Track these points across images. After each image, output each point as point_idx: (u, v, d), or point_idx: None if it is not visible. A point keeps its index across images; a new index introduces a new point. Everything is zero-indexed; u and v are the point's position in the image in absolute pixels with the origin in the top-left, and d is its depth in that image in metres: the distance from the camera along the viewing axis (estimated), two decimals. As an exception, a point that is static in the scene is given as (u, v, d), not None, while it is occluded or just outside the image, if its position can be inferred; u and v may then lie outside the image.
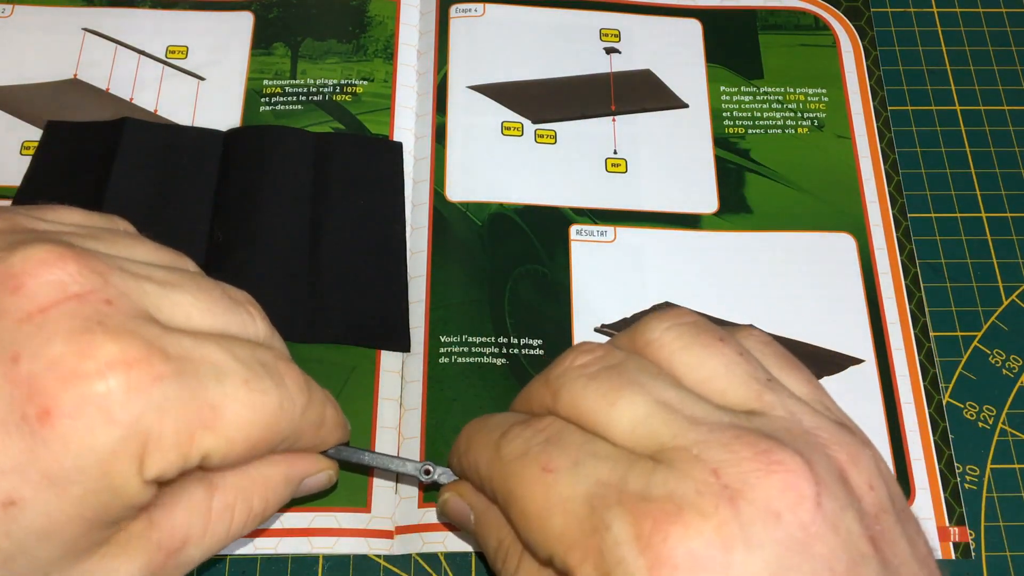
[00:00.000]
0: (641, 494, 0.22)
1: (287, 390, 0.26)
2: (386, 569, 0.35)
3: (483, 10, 0.46)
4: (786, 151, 0.44)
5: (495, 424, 0.27)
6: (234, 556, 0.35)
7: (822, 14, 0.48)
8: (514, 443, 0.25)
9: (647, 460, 0.23)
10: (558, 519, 0.23)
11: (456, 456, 0.30)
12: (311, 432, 0.28)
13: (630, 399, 0.24)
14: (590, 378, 0.25)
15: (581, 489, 0.23)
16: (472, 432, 0.29)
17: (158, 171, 0.40)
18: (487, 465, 0.26)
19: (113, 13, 0.46)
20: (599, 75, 0.45)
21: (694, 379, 0.25)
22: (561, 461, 0.24)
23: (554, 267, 0.40)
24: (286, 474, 0.29)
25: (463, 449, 0.29)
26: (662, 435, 0.23)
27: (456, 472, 0.31)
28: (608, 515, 0.22)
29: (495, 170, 0.42)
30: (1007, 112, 0.46)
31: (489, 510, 0.28)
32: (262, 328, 0.28)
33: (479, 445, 0.27)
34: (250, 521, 0.28)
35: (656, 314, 0.27)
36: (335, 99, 0.44)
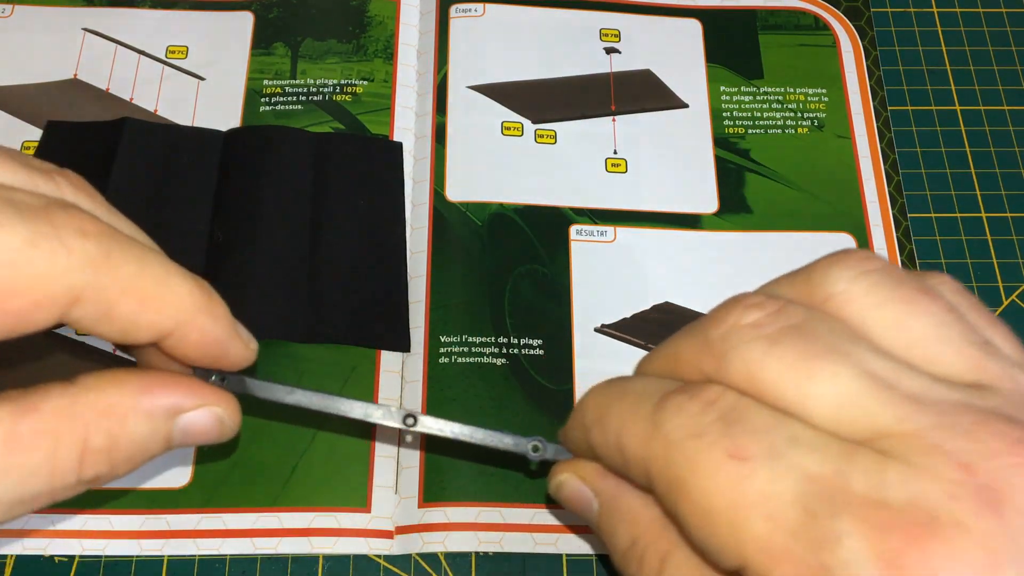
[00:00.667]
0: (875, 499, 0.18)
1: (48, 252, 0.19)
2: (386, 569, 0.35)
3: (483, 10, 0.46)
4: (786, 151, 0.44)
5: (641, 392, 0.22)
6: (234, 556, 0.35)
7: (822, 14, 0.48)
8: (679, 418, 0.21)
9: (868, 451, 0.19)
10: (758, 522, 0.18)
11: (578, 429, 0.25)
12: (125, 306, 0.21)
13: (832, 370, 0.19)
14: (770, 341, 0.20)
15: (787, 485, 0.18)
16: (606, 400, 0.23)
17: (158, 171, 0.40)
18: (640, 443, 0.21)
19: (113, 13, 0.46)
20: (599, 75, 0.45)
21: (895, 344, 0.20)
22: (754, 447, 0.19)
23: (554, 267, 0.40)
24: (141, 403, 0.22)
25: (592, 420, 0.24)
26: (881, 418, 0.19)
27: (574, 449, 0.26)
28: (836, 525, 0.18)
29: (495, 170, 0.42)
30: (1007, 112, 0.46)
31: (622, 498, 0.24)
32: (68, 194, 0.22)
33: (623, 417, 0.22)
34: (90, 460, 0.21)
35: (833, 259, 0.22)
36: (335, 99, 0.44)
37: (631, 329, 0.39)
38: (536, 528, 0.35)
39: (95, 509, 0.35)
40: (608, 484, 0.25)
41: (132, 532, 0.35)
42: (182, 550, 0.34)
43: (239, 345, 0.24)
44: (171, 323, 0.22)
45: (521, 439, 0.27)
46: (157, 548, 0.34)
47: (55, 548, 0.34)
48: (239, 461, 0.36)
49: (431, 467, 0.36)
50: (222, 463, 0.36)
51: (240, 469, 0.36)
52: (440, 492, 0.36)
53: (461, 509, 0.35)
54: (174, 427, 0.22)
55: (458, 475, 0.36)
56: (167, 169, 0.40)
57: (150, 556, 0.34)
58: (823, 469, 0.18)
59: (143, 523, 0.35)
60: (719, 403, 0.20)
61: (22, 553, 0.34)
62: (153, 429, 0.22)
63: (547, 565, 0.35)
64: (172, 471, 0.36)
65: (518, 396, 0.38)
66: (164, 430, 0.22)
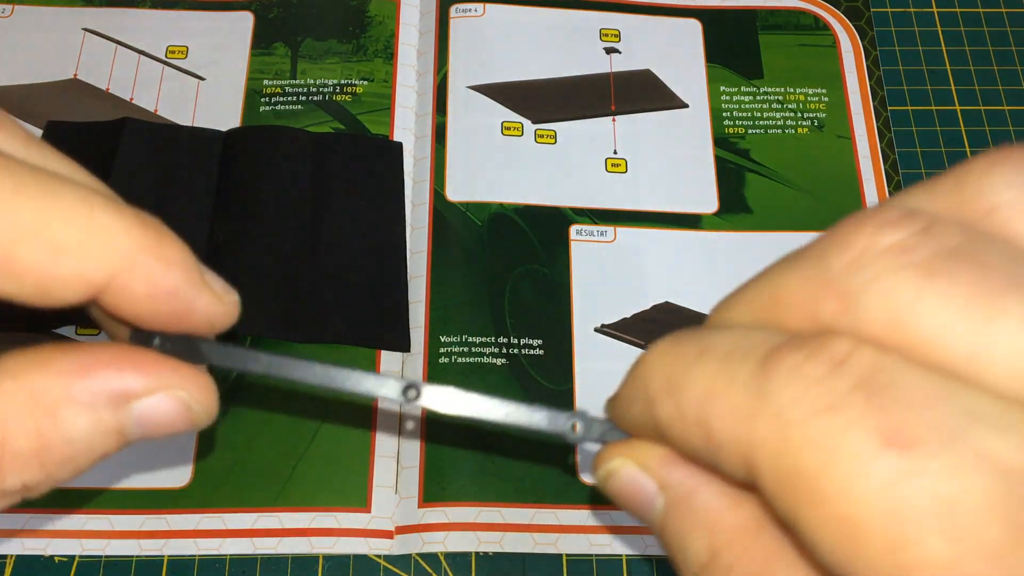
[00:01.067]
0: None
1: None
2: (386, 569, 0.35)
3: (483, 10, 0.46)
4: (786, 151, 0.44)
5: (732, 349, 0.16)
6: (234, 556, 0.35)
7: (822, 14, 0.48)
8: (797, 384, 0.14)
9: None
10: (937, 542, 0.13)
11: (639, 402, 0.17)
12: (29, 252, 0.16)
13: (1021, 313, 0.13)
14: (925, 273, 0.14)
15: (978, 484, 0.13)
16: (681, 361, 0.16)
17: (158, 171, 0.40)
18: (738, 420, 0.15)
19: (113, 13, 0.46)
20: (599, 75, 0.45)
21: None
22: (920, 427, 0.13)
23: (554, 267, 0.40)
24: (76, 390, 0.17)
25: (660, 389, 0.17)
26: None
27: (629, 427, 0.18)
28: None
29: (495, 170, 0.42)
30: (1007, 112, 0.46)
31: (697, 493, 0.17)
32: None
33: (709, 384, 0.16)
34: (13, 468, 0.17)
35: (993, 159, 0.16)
36: (335, 99, 0.44)
37: (631, 329, 0.39)
38: (536, 528, 0.35)
39: (95, 509, 0.35)
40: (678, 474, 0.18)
41: (132, 532, 0.35)
42: (182, 550, 0.34)
43: (208, 298, 0.18)
44: (101, 272, 0.17)
45: (557, 414, 0.20)
46: (157, 548, 0.34)
47: (55, 548, 0.34)
48: (239, 461, 0.36)
49: (431, 467, 0.36)
50: (222, 463, 0.36)
51: (240, 469, 0.36)
52: (440, 492, 0.36)
53: (461, 509, 0.35)
54: (128, 417, 0.18)
55: (458, 475, 0.36)
56: (167, 169, 0.40)
57: (150, 556, 0.34)
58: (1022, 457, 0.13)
59: (143, 523, 0.35)
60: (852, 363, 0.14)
61: (22, 553, 0.34)
62: (96, 422, 0.17)
63: (547, 565, 0.35)
64: (172, 471, 0.36)
65: (518, 396, 0.38)
66: (112, 423, 0.17)
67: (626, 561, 0.35)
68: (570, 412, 0.20)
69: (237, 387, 0.37)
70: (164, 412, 0.18)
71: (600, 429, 0.20)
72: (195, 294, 0.18)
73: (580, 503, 0.36)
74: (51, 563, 0.34)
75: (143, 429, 0.18)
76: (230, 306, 0.19)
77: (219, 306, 0.19)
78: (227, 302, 0.19)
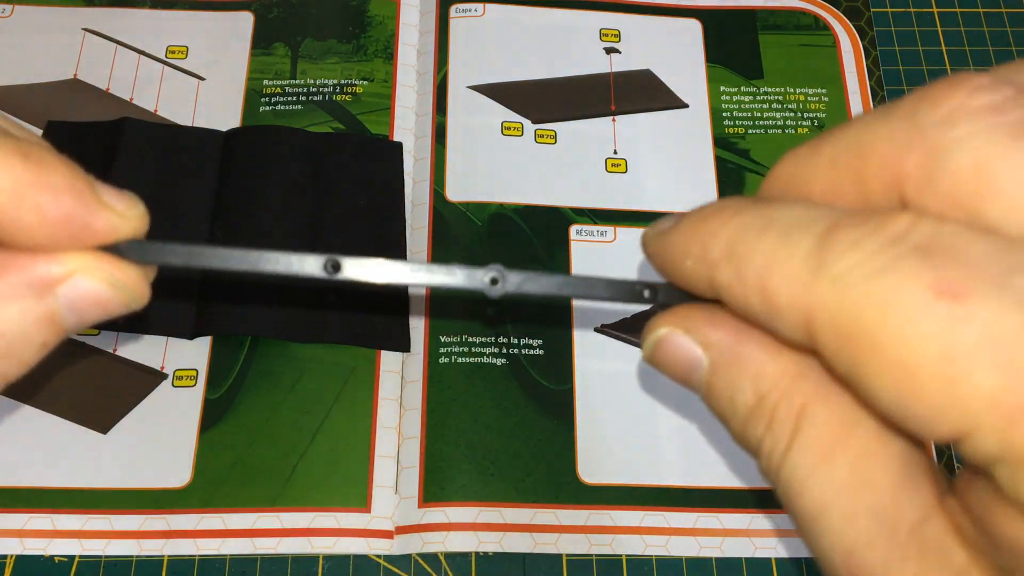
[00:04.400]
0: None
1: None
2: (386, 569, 0.35)
3: (483, 10, 0.46)
4: (786, 151, 0.44)
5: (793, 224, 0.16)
6: (234, 556, 0.35)
7: (822, 14, 0.48)
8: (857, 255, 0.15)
9: None
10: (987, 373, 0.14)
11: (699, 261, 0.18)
12: None
13: None
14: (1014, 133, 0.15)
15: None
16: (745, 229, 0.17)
17: (158, 171, 0.40)
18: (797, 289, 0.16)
19: (113, 13, 0.46)
20: (599, 75, 0.45)
21: None
22: (971, 279, 0.14)
23: (554, 267, 0.40)
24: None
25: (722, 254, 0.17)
26: None
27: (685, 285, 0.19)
28: None
29: (495, 170, 0.42)
30: (1007, 112, 0.46)
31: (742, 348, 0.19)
32: None
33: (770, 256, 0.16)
34: None
35: None
36: (335, 99, 0.44)
37: (631, 329, 0.39)
38: (536, 528, 0.35)
39: (95, 509, 0.35)
40: (722, 334, 0.19)
41: (132, 532, 0.35)
42: (182, 550, 0.34)
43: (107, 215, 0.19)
44: None
45: (475, 270, 0.21)
46: (157, 548, 0.34)
47: (55, 548, 0.34)
48: (239, 461, 0.36)
49: (431, 467, 0.36)
50: (222, 463, 0.36)
51: (240, 469, 0.36)
52: (440, 492, 0.36)
53: (461, 509, 0.35)
54: (55, 303, 0.19)
55: (458, 475, 0.36)
56: (167, 169, 0.40)
57: (150, 556, 0.34)
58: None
59: (143, 523, 0.35)
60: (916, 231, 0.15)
61: (22, 553, 0.34)
62: (24, 312, 0.18)
63: (547, 565, 0.35)
64: (172, 471, 0.36)
65: (518, 396, 0.38)
66: (41, 310, 0.18)
67: (626, 561, 0.35)
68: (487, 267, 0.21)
69: (238, 386, 0.37)
70: (89, 291, 0.19)
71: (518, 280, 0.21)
72: (91, 215, 0.18)
73: (580, 503, 0.36)
74: (51, 563, 0.34)
75: (75, 312, 0.19)
76: (134, 219, 0.19)
77: (118, 220, 0.19)
78: (130, 216, 0.19)
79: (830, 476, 0.17)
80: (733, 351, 0.19)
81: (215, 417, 0.37)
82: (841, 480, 0.17)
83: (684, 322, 0.19)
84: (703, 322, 0.19)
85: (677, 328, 0.20)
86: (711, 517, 0.36)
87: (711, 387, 0.19)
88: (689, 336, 0.19)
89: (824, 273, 0.15)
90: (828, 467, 0.17)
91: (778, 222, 0.17)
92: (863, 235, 0.15)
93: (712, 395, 0.20)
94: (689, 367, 0.20)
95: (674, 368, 0.20)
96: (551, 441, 0.37)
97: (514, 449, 0.37)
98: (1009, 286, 0.14)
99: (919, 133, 0.16)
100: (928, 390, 0.14)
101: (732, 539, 0.36)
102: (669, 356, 0.20)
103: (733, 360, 0.19)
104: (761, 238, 0.17)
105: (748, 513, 0.36)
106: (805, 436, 0.17)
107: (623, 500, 0.36)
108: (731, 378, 0.19)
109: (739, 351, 0.19)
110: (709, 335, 0.19)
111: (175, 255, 0.20)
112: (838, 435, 0.17)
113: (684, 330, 0.19)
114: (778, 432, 0.18)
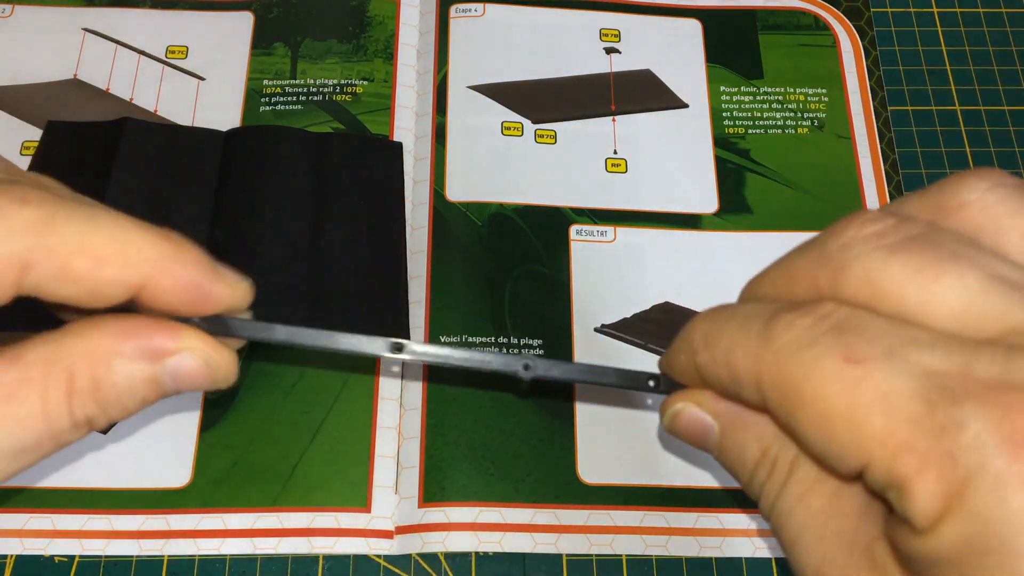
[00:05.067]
0: (1001, 383, 0.18)
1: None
2: (386, 569, 0.35)
3: (483, 10, 0.46)
4: (786, 151, 0.44)
5: (751, 313, 0.22)
6: (234, 556, 0.35)
7: (822, 14, 0.48)
8: (791, 332, 0.20)
9: (994, 345, 0.18)
10: (877, 420, 0.18)
11: (685, 352, 0.24)
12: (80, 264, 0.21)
13: (957, 273, 0.19)
14: (891, 250, 0.20)
15: (905, 382, 0.18)
16: (715, 323, 0.23)
17: (158, 171, 0.40)
18: (751, 358, 0.21)
19: (113, 13, 0.46)
20: (599, 75, 0.45)
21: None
22: (869, 350, 0.19)
23: (554, 267, 0.40)
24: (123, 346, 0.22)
25: (700, 343, 0.23)
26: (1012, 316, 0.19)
27: (680, 377, 0.25)
28: (960, 412, 0.17)
29: (495, 170, 0.42)
30: (1007, 112, 0.46)
31: (741, 419, 0.24)
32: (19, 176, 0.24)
33: (732, 336, 0.22)
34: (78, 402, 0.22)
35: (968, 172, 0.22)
36: (335, 99, 0.44)
37: (631, 329, 0.39)
38: (536, 528, 0.35)
39: (95, 509, 0.35)
40: (728, 407, 0.24)
41: (132, 532, 0.35)
42: (182, 550, 0.34)
43: (222, 287, 0.24)
44: (136, 276, 0.22)
45: (511, 358, 0.26)
46: (157, 548, 0.34)
47: (55, 548, 0.34)
48: (239, 461, 0.36)
49: (431, 467, 0.36)
50: (222, 463, 0.36)
51: (240, 469, 0.36)
52: (440, 492, 0.36)
53: (461, 509, 0.35)
54: (162, 371, 0.23)
55: (458, 475, 0.36)
56: (168, 169, 0.40)
57: (150, 556, 0.34)
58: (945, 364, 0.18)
59: (143, 523, 0.35)
60: (834, 316, 0.20)
61: (22, 553, 0.34)
62: (137, 371, 0.22)
63: (547, 565, 0.35)
64: (172, 471, 0.36)
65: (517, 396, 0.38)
66: (150, 373, 0.23)
67: (626, 561, 0.35)
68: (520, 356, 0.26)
69: (237, 386, 0.37)
70: (189, 367, 0.23)
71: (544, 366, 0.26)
72: (210, 285, 0.23)
73: (580, 503, 0.36)
74: (51, 563, 0.34)
75: (175, 381, 0.23)
76: (242, 291, 0.24)
77: (232, 291, 0.24)
78: (239, 288, 0.24)
79: (809, 505, 0.22)
80: (739, 417, 0.24)
81: (215, 417, 0.37)
82: (817, 508, 0.22)
83: (696, 397, 0.25)
84: (710, 397, 0.24)
85: (690, 403, 0.25)
86: (711, 517, 0.36)
87: (723, 447, 0.25)
88: (701, 408, 0.25)
89: (769, 346, 0.21)
90: (809, 498, 0.22)
91: (740, 314, 0.22)
92: (796, 317, 0.21)
93: (724, 453, 0.25)
94: (703, 433, 0.25)
95: (691, 434, 0.25)
96: (551, 441, 0.37)
97: (514, 449, 0.37)
98: (900, 354, 0.19)
99: (825, 258, 0.21)
100: (838, 434, 0.19)
101: (732, 539, 0.36)
102: (685, 425, 0.25)
103: (739, 424, 0.24)
104: (726, 327, 0.22)
105: (748, 513, 0.36)
106: (795, 477, 0.23)
107: (623, 500, 0.36)
108: (738, 438, 0.24)
109: (743, 417, 0.24)
110: (716, 406, 0.24)
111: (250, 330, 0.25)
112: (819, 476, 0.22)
113: (696, 404, 0.25)
114: (776, 477, 0.23)
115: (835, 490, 0.22)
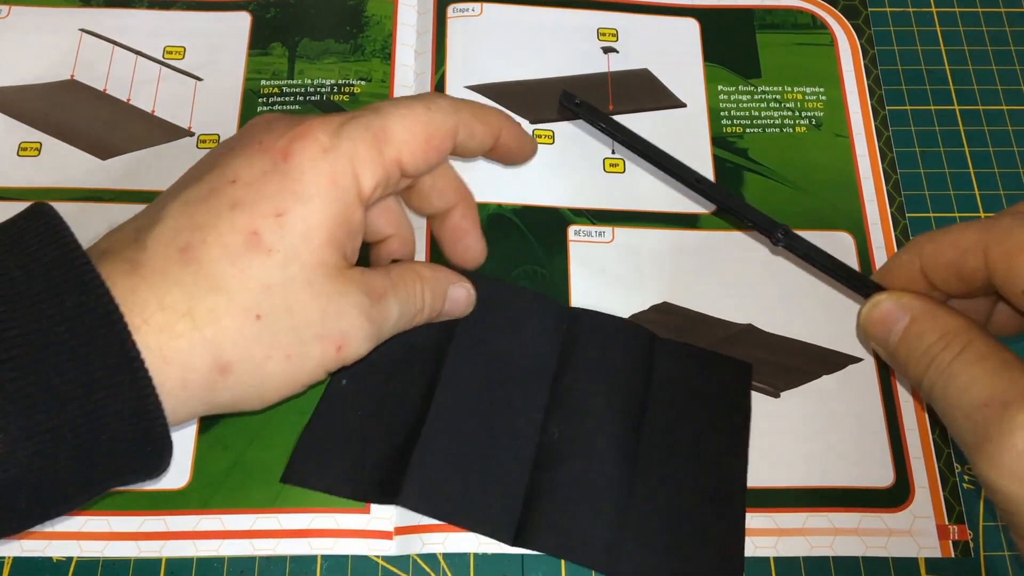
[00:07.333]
0: None
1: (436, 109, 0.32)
2: (385, 570, 0.35)
3: (480, 10, 0.46)
4: (784, 150, 0.44)
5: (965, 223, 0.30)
6: (233, 557, 0.35)
7: (820, 13, 0.48)
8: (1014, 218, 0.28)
9: None
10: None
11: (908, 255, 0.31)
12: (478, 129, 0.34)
13: None
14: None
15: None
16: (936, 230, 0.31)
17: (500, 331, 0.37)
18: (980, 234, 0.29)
19: (110, 14, 0.46)
20: (597, 75, 0.45)
21: None
22: None
23: (552, 267, 0.40)
24: (436, 277, 0.34)
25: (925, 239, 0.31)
26: None
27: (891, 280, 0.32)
28: None
29: (494, 170, 0.42)
30: (1006, 112, 0.46)
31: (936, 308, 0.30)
32: None
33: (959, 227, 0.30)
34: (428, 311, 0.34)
35: None
36: (332, 99, 0.44)
37: (630, 329, 0.39)
38: (535, 528, 0.35)
39: (94, 510, 0.35)
40: (920, 302, 0.30)
41: (130, 533, 0.35)
42: (180, 551, 0.34)
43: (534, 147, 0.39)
44: (499, 129, 0.35)
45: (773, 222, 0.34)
46: (155, 549, 0.34)
47: (53, 549, 0.34)
48: (238, 462, 0.36)
49: (430, 468, 0.36)
50: (221, 464, 0.36)
51: (239, 470, 0.36)
52: (439, 493, 0.36)
53: (460, 510, 0.35)
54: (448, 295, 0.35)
55: (457, 476, 0.36)
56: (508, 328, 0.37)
57: (148, 557, 0.34)
58: None
59: (141, 524, 0.35)
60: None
61: (21, 554, 0.34)
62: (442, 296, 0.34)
63: (546, 565, 0.35)
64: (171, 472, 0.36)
65: (517, 396, 0.38)
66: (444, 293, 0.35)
67: (625, 561, 0.35)
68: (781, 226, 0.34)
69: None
70: (460, 296, 0.35)
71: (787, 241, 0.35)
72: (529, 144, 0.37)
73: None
74: (49, 564, 0.34)
75: (450, 304, 0.35)
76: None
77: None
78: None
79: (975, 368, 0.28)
80: (927, 310, 0.30)
81: (214, 418, 0.37)
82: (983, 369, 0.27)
83: (896, 294, 0.31)
84: (911, 296, 0.31)
85: (892, 297, 0.31)
86: (710, 517, 0.36)
87: (907, 334, 0.30)
88: (899, 302, 0.31)
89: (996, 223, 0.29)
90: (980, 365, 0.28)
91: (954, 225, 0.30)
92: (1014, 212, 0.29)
93: (903, 340, 0.30)
94: (892, 323, 0.31)
95: (879, 326, 0.31)
96: None
97: (513, 449, 0.37)
98: None
99: None
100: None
101: (731, 539, 0.36)
102: (881, 313, 0.31)
103: (928, 315, 0.30)
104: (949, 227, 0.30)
105: (748, 513, 0.36)
106: (966, 352, 0.28)
107: (622, 500, 0.36)
108: (921, 327, 0.30)
109: (932, 310, 0.30)
110: (914, 302, 0.31)
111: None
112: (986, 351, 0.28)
113: (896, 298, 0.31)
114: (950, 353, 0.28)
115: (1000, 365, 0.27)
